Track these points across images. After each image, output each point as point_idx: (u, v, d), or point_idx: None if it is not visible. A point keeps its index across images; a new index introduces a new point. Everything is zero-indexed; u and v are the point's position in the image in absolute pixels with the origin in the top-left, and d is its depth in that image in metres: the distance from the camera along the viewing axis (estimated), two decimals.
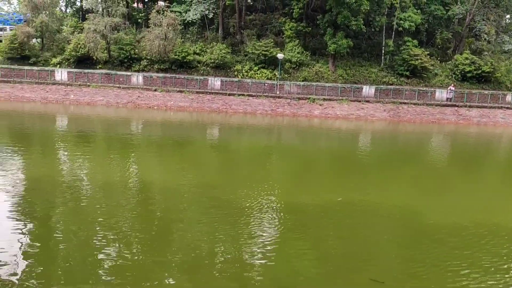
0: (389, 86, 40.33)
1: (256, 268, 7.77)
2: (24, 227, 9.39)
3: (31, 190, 12.19)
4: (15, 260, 7.57)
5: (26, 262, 7.61)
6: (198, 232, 9.39)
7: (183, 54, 40.16)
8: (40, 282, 6.94)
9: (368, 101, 39.74)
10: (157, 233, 9.33)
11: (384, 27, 41.06)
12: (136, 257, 7.92)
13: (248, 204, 11.26)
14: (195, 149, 20.87)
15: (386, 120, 36.49)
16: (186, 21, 43.47)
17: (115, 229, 9.20)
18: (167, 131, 26.70)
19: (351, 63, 42.95)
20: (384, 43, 41.94)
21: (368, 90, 39.73)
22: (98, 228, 9.36)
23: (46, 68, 39.71)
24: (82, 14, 44.46)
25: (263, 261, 8.03)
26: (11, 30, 43.30)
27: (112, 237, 8.83)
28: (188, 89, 39.42)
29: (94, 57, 39.16)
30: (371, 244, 9.15)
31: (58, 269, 7.54)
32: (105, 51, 39.45)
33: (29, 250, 8.18)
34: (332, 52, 39.63)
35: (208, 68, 40.97)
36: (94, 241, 8.69)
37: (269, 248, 8.61)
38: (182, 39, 41.85)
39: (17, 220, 9.79)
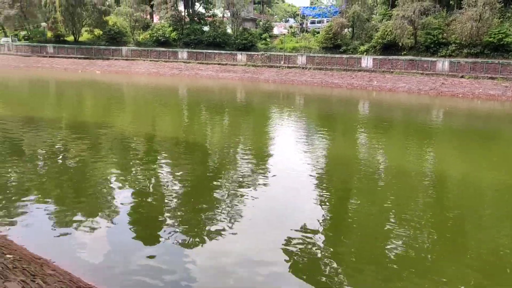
0: None
1: None
2: (322, 198, 10.33)
3: (331, 167, 13.20)
4: (309, 230, 8.26)
5: (319, 234, 8.18)
6: (500, 238, 8.05)
7: (500, 36, 35.70)
8: (330, 255, 7.36)
9: None
10: (449, 232, 8.54)
11: None
12: (423, 253, 7.42)
13: None
14: (505, 144, 18.09)
15: None
16: None
17: (404, 218, 8.95)
18: (473, 121, 24.68)
19: None
20: None
21: None
22: (388, 213, 9.33)
23: (354, 56, 42.73)
24: (392, 1, 44.78)
25: None
26: (327, 22, 47.78)
27: (401, 224, 8.62)
28: (502, 76, 35.05)
29: (399, 43, 39.57)
30: None
31: (347, 245, 7.85)
32: (411, 37, 39.25)
33: (324, 220, 8.80)
34: None
35: None
36: (383, 224, 8.69)
37: None
38: (500, 19, 36.84)
39: (319, 190, 11.05)
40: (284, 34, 53.29)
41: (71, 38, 56.56)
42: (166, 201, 9.91)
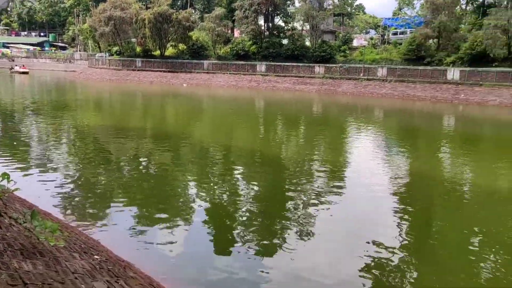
0: None
1: None
2: (401, 215, 10.13)
3: (411, 183, 12.69)
4: (386, 249, 7.96)
5: (398, 252, 7.85)
6: None
7: None
8: (410, 277, 7.01)
9: None
10: None
11: None
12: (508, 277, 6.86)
13: None
14: None
15: None
16: None
17: (489, 240, 8.41)
18: None
19: None
20: None
21: None
22: (471, 234, 8.84)
23: (439, 68, 40.87)
24: (483, 10, 42.24)
25: None
26: (411, 33, 46.30)
27: (485, 246, 8.11)
28: None
29: (490, 54, 36.75)
30: None
31: (427, 266, 7.46)
32: (504, 47, 36.39)
33: (402, 239, 8.45)
34: None
35: None
36: (466, 246, 8.20)
37: None
38: None
39: (397, 207, 10.63)
40: (364, 46, 52.26)
41: (157, 52, 60.06)
42: (242, 211, 10.05)
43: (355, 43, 55.64)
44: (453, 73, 40.70)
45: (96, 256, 5.52)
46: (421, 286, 6.92)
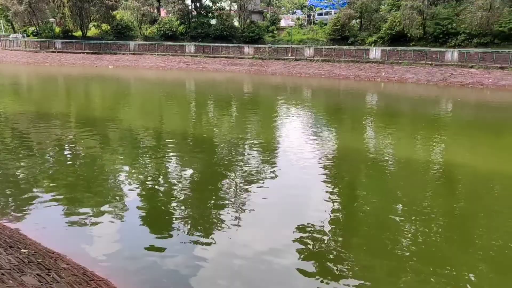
0: None
1: None
2: (332, 190, 10.79)
3: (340, 159, 13.30)
4: (319, 223, 8.35)
5: (328, 227, 8.26)
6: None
7: (511, 25, 34.80)
8: (340, 249, 7.41)
9: None
10: (460, 223, 8.57)
11: None
12: (433, 245, 7.46)
13: None
14: None
15: None
16: None
17: (414, 209, 9.08)
18: (483, 112, 24.23)
19: None
20: None
21: None
22: (398, 204, 9.54)
23: (362, 47, 42.59)
24: None
25: None
26: (335, 13, 47.51)
27: (411, 216, 8.75)
28: None
29: (408, 34, 39.08)
30: None
31: (357, 237, 7.94)
32: (420, 27, 38.75)
33: (334, 213, 8.89)
34: None
35: None
36: (393, 216, 8.83)
37: None
38: (511, 8, 36.24)
39: (328, 182, 11.30)
40: (291, 26, 52.99)
41: (79, 33, 56.74)
42: (175, 195, 10.02)
43: (282, 23, 56.22)
44: (375, 53, 42.63)
45: (23, 250, 5.27)
46: (354, 265, 7.35)
